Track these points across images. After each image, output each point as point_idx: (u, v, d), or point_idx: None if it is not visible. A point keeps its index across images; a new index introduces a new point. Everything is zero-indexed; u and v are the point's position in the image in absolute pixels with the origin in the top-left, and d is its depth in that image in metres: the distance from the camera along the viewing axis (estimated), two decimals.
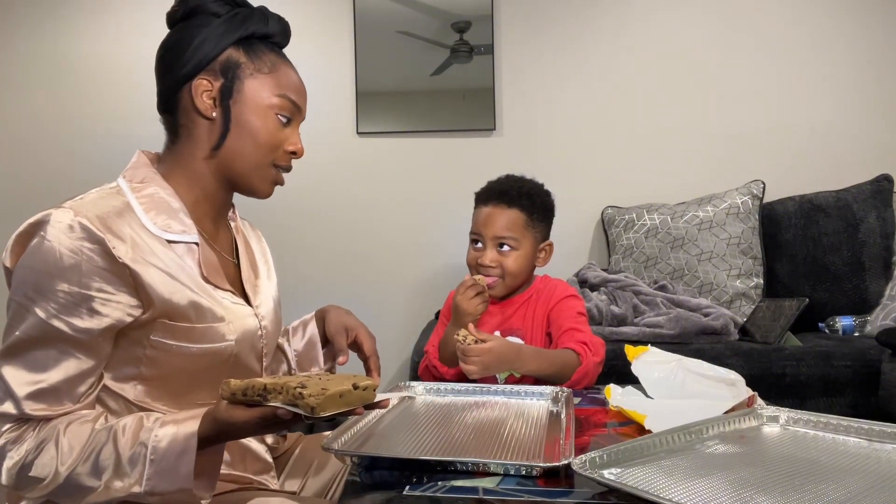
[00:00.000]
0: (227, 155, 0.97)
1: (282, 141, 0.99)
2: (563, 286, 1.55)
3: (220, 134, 0.96)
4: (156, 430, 0.81)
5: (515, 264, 1.48)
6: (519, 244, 1.48)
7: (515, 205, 1.49)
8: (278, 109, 0.98)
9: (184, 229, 0.93)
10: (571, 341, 1.38)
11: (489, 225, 1.48)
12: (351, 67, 2.73)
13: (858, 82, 2.62)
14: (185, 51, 0.94)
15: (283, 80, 0.98)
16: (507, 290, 1.51)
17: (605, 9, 2.71)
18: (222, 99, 0.95)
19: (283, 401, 0.74)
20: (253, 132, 0.96)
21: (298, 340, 1.20)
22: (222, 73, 0.95)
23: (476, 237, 1.51)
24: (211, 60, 0.95)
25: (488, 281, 1.46)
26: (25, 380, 0.82)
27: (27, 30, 2.79)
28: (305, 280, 2.71)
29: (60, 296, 0.81)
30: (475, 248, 1.51)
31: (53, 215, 0.83)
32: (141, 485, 0.80)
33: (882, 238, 2.34)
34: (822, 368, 1.87)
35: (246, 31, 0.96)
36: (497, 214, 1.48)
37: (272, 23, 1.00)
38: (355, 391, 0.77)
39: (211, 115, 0.95)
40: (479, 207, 1.53)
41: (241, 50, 0.96)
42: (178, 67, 0.95)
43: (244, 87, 0.96)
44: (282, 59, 1.00)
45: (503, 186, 1.52)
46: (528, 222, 1.50)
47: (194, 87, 0.94)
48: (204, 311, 0.91)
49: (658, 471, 0.78)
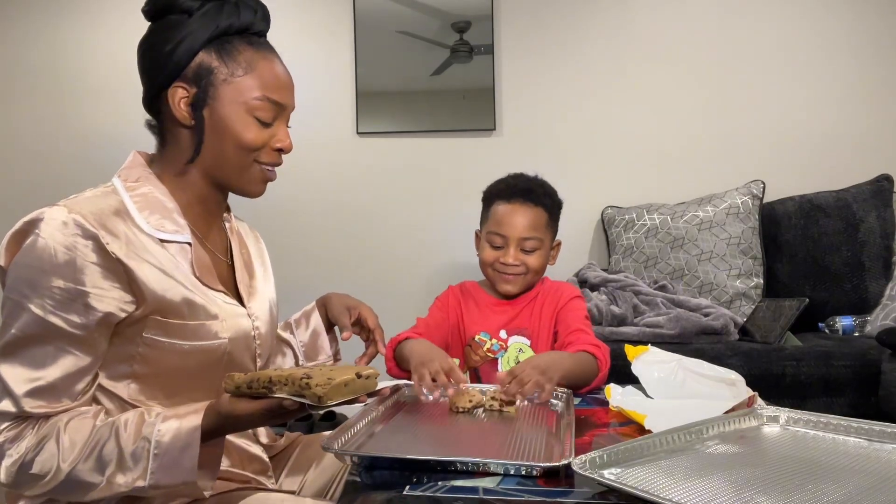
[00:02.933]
0: (209, 161, 0.96)
1: (265, 141, 0.96)
2: (570, 287, 1.54)
3: (198, 142, 0.94)
4: (158, 425, 0.81)
5: (538, 262, 1.46)
6: (542, 243, 1.46)
7: (540, 203, 1.46)
8: (258, 112, 0.94)
9: (177, 229, 0.93)
10: (584, 343, 1.33)
11: (514, 225, 1.44)
12: (351, 67, 2.73)
13: (859, 82, 2.62)
14: (159, 57, 0.92)
15: (261, 79, 0.94)
16: (527, 287, 1.49)
17: (605, 9, 2.71)
18: (196, 108, 0.93)
19: (289, 392, 0.76)
20: (232, 137, 0.94)
21: (303, 332, 1.22)
22: (195, 81, 0.92)
23: (498, 237, 1.46)
24: (184, 67, 0.92)
25: (509, 278, 1.45)
26: (23, 377, 0.82)
27: (24, 31, 2.79)
28: (305, 280, 2.70)
29: (56, 292, 0.82)
30: (494, 248, 1.47)
31: (47, 213, 0.83)
32: (145, 479, 0.80)
33: (882, 238, 2.34)
34: (822, 368, 1.87)
35: (218, 29, 0.92)
36: (522, 213, 1.45)
37: (245, 13, 0.95)
38: (359, 380, 0.79)
39: (189, 124, 0.94)
40: (498, 205, 1.48)
41: (214, 53, 0.92)
42: (155, 74, 0.93)
43: (219, 94, 0.93)
44: (260, 52, 0.95)
45: (526, 184, 1.48)
46: (549, 221, 1.48)
47: (170, 95, 0.93)
48: (197, 308, 0.91)
49: (658, 471, 0.78)
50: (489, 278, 1.51)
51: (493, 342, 1.48)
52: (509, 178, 1.53)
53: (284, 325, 1.24)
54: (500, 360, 1.47)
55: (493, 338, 1.48)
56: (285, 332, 1.22)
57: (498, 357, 1.47)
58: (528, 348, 1.47)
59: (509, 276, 1.46)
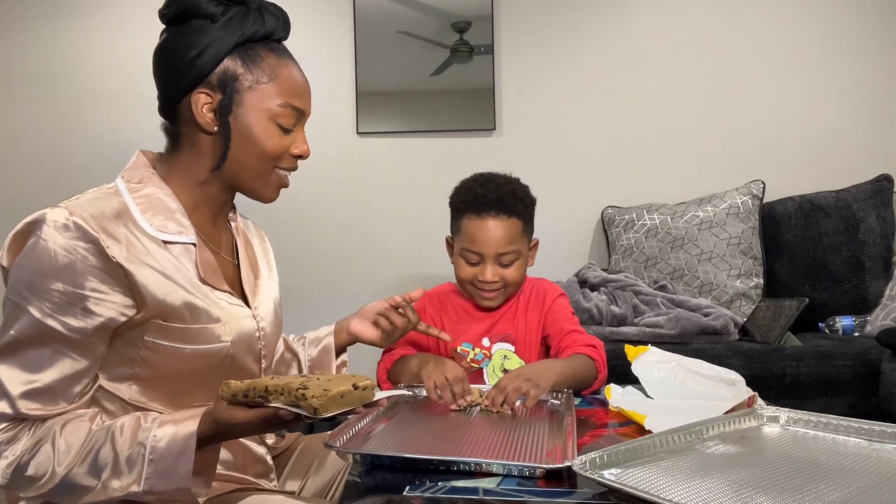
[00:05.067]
0: (232, 168, 0.96)
1: (286, 147, 0.97)
2: (551, 285, 1.48)
3: (223, 149, 0.94)
4: (154, 430, 0.81)
5: (518, 274, 1.39)
6: (519, 254, 1.38)
7: (513, 213, 1.36)
8: (280, 119, 0.95)
9: (181, 230, 0.93)
10: (579, 345, 1.31)
11: (489, 241, 1.34)
12: (351, 67, 2.73)
13: (859, 82, 2.62)
14: (183, 62, 0.92)
15: (284, 85, 0.95)
16: (507, 298, 1.43)
17: (605, 9, 2.71)
18: (222, 115, 0.93)
19: (284, 402, 0.75)
20: (255, 145, 0.94)
21: (313, 347, 1.23)
22: (220, 87, 0.92)
23: (472, 254, 1.37)
24: (209, 73, 0.92)
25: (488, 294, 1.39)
26: (20, 379, 0.82)
27: (25, 31, 2.79)
28: (305, 280, 2.71)
29: (55, 295, 0.82)
30: (470, 264, 1.38)
31: (49, 215, 0.83)
32: (140, 484, 0.80)
33: (882, 238, 2.34)
34: (822, 368, 1.87)
35: (243, 36, 0.93)
36: (496, 228, 1.34)
37: (269, 20, 0.95)
38: (355, 391, 0.79)
39: (212, 130, 0.94)
40: (469, 219, 1.37)
41: (239, 59, 0.93)
42: (176, 78, 0.93)
43: (244, 101, 0.93)
44: (282, 59, 0.97)
45: (496, 193, 1.37)
46: (524, 228, 1.39)
47: (194, 100, 0.93)
48: (199, 312, 0.90)
49: (658, 471, 0.78)
50: (468, 293, 1.44)
51: (477, 352, 1.41)
52: (477, 185, 1.40)
53: (299, 338, 1.25)
54: (485, 369, 1.40)
55: (475, 347, 1.42)
56: (297, 344, 1.23)
57: (483, 367, 1.40)
58: (512, 354, 1.41)
59: (488, 293, 1.39)
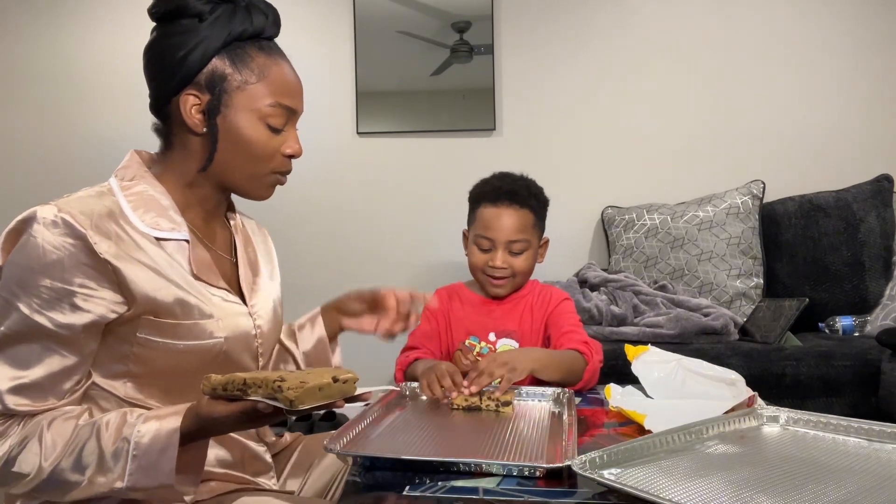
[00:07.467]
0: (220, 169, 0.95)
1: (276, 147, 0.96)
2: (558, 291, 1.55)
3: (211, 150, 0.94)
4: (138, 426, 0.81)
5: (527, 264, 1.48)
6: (529, 245, 1.47)
7: (526, 205, 1.46)
8: (270, 119, 0.94)
9: (173, 226, 0.93)
10: (573, 342, 1.36)
11: (502, 228, 1.44)
12: (351, 67, 2.73)
13: (859, 82, 2.62)
14: (171, 62, 0.91)
15: (273, 85, 0.94)
16: (515, 289, 1.51)
17: (604, 8, 2.71)
18: (210, 116, 0.92)
19: (262, 394, 0.75)
20: (244, 146, 0.94)
21: (307, 340, 1.17)
22: (209, 88, 0.91)
23: (485, 240, 1.46)
24: (196, 73, 0.91)
25: (498, 282, 1.46)
26: (8, 375, 0.82)
27: (21, 31, 2.79)
28: (305, 279, 2.70)
29: (43, 291, 0.82)
30: (482, 250, 1.47)
31: (39, 212, 0.83)
32: (123, 480, 0.80)
33: (882, 238, 2.34)
34: (822, 368, 1.87)
35: (230, 36, 0.91)
36: (509, 216, 1.44)
37: (258, 18, 0.94)
38: (335, 384, 0.78)
39: (201, 131, 0.93)
40: (484, 207, 1.48)
41: (227, 59, 0.92)
42: (165, 79, 0.92)
43: (232, 101, 0.92)
44: (271, 57, 0.95)
45: (511, 186, 1.48)
46: (535, 222, 1.48)
47: (182, 101, 0.92)
48: (190, 308, 0.90)
49: (658, 471, 0.78)
50: (479, 281, 1.52)
51: (483, 345, 1.48)
52: (495, 179, 1.52)
53: (287, 331, 1.20)
54: None
55: (482, 341, 1.49)
56: (288, 341, 1.18)
57: None
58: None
59: (498, 279, 1.47)
